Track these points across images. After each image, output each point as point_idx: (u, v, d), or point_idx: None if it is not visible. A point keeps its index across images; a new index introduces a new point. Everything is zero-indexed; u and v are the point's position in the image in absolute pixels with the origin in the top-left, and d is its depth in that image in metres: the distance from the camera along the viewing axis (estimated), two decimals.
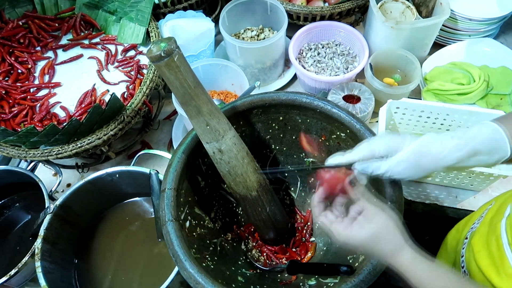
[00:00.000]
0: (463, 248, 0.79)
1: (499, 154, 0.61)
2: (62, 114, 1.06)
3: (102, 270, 0.97)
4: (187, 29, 1.19)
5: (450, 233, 0.92)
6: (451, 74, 1.16)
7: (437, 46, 1.27)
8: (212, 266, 0.75)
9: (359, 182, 0.67)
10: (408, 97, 1.07)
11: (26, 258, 0.88)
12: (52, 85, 1.11)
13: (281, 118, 0.89)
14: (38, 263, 0.84)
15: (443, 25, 1.24)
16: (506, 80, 1.14)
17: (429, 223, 1.10)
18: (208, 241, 0.82)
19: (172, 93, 1.04)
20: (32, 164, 1.06)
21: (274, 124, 0.91)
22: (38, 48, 1.18)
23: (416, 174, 0.65)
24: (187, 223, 0.77)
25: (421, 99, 1.16)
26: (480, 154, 0.62)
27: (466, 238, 0.79)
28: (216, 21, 1.24)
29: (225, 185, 0.91)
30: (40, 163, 1.09)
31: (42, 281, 0.83)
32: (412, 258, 0.59)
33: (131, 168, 0.97)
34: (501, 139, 0.60)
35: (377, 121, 1.02)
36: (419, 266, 0.59)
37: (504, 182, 1.05)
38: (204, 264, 0.72)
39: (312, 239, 0.93)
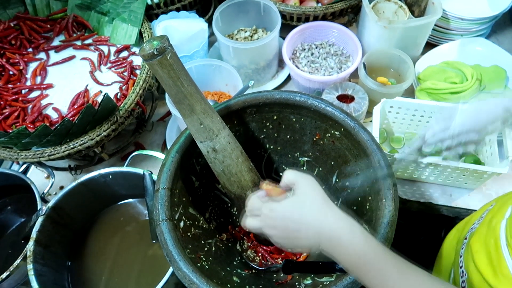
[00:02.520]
0: (462, 248, 0.79)
1: None
2: (54, 116, 1.05)
3: (96, 272, 0.96)
4: (181, 29, 1.18)
5: (450, 233, 0.92)
6: (444, 73, 1.16)
7: (429, 45, 1.27)
8: (207, 266, 0.75)
9: None
10: (402, 96, 1.08)
11: (18, 261, 0.87)
12: (44, 86, 1.10)
13: (275, 117, 0.89)
14: (30, 266, 0.83)
15: (435, 25, 1.25)
16: (498, 79, 1.15)
17: (424, 221, 1.10)
18: (203, 242, 0.81)
19: (166, 93, 1.03)
20: (24, 166, 1.05)
21: (268, 124, 0.91)
22: (30, 50, 1.17)
23: (478, 123, 0.75)
24: (182, 223, 0.76)
25: (414, 98, 1.16)
26: None
27: (466, 238, 0.79)
28: (209, 22, 1.24)
29: (220, 185, 0.91)
30: (33, 166, 1.08)
31: (34, 284, 0.81)
32: (342, 225, 0.53)
33: (124, 169, 0.96)
34: None
35: (371, 121, 1.02)
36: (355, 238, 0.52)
37: (498, 179, 1.05)
38: (199, 264, 0.72)
39: None
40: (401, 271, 0.50)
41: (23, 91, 1.09)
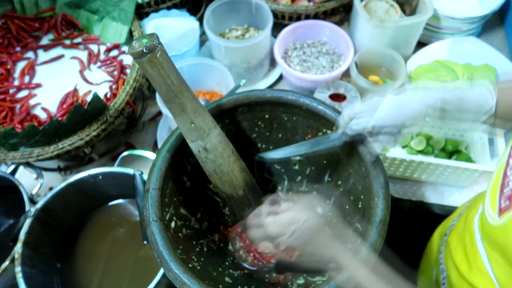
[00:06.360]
0: (442, 245, 0.80)
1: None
2: (43, 116, 1.03)
3: (86, 274, 0.95)
4: (171, 28, 1.17)
5: (435, 231, 0.93)
6: (435, 72, 1.17)
7: (421, 44, 1.27)
8: (199, 267, 0.74)
9: None
10: None
11: (5, 263, 0.85)
12: (33, 86, 1.08)
13: (267, 116, 0.89)
14: (18, 268, 0.81)
15: (426, 24, 1.25)
16: (489, 78, 1.16)
17: (416, 220, 1.11)
18: (194, 242, 0.81)
19: (156, 92, 1.02)
20: (13, 167, 1.03)
21: (260, 123, 0.90)
22: (18, 49, 1.15)
23: (400, 118, 0.65)
24: (173, 224, 0.75)
25: None
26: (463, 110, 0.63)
27: (445, 235, 0.80)
28: (200, 20, 1.23)
29: (211, 185, 0.90)
30: (21, 167, 1.06)
31: (22, 287, 0.80)
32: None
33: (114, 169, 0.95)
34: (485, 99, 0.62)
35: None
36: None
37: (489, 178, 1.06)
38: (190, 265, 0.71)
39: None
40: None
41: (11, 91, 1.07)
